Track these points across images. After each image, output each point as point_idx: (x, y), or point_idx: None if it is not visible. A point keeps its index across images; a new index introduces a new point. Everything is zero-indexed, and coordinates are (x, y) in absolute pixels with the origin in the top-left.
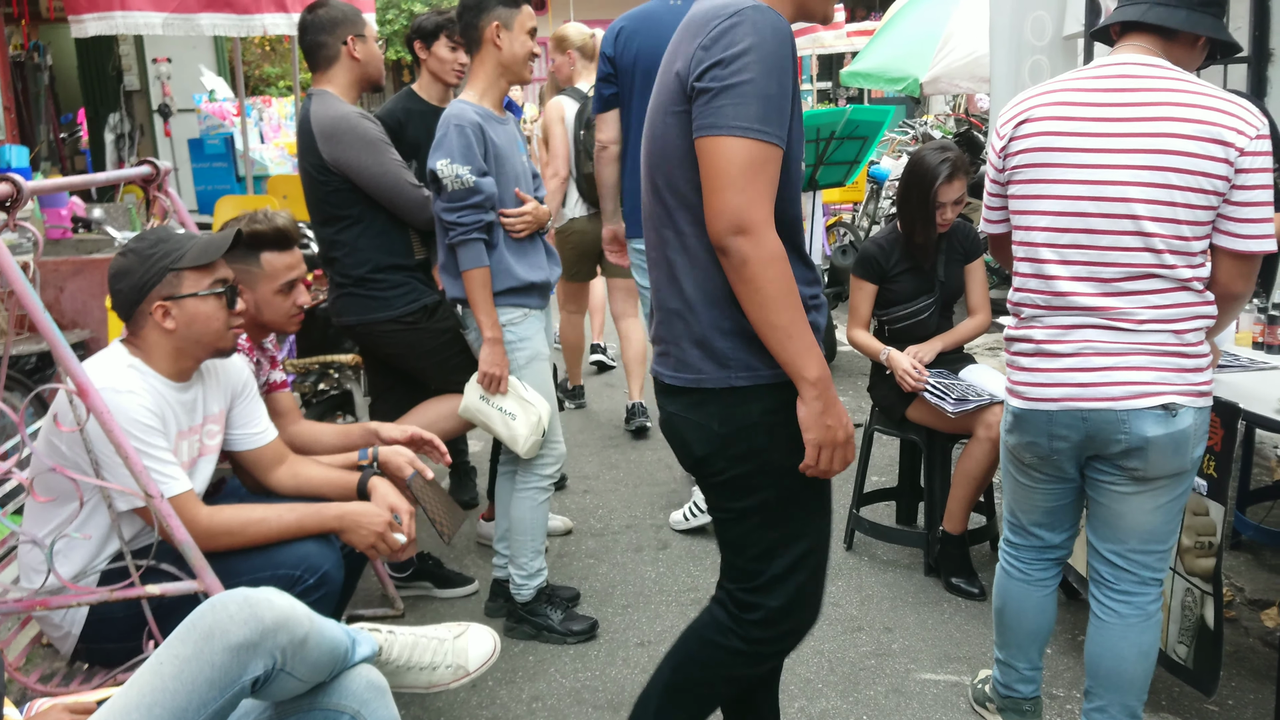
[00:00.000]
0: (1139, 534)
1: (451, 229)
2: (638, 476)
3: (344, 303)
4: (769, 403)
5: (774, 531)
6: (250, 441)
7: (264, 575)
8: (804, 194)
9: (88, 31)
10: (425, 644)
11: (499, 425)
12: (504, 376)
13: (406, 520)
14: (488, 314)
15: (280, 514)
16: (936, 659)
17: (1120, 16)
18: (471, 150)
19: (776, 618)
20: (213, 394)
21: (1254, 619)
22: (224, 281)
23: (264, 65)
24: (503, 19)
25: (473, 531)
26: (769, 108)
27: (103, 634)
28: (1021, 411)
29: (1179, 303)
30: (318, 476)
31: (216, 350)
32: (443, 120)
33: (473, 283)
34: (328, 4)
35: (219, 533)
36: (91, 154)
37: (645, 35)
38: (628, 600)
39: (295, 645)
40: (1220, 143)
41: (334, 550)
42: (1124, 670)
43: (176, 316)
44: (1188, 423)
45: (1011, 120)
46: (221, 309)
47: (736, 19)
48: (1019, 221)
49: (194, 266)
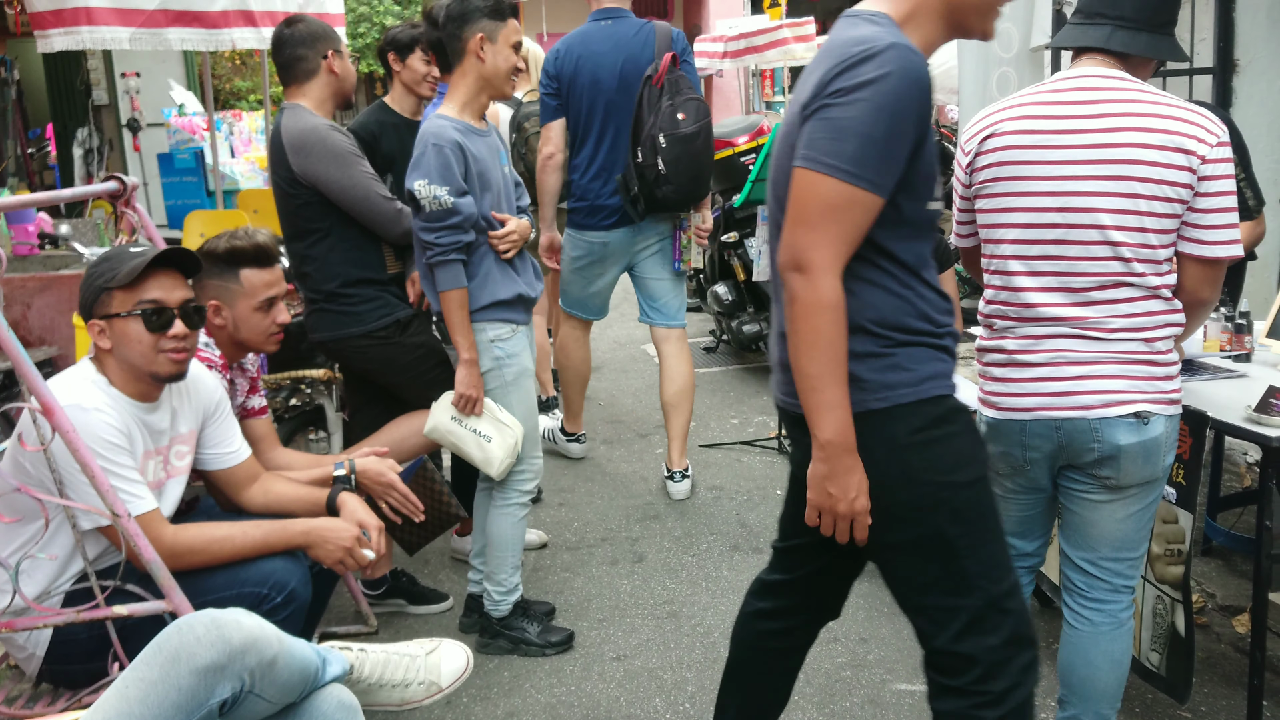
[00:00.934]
0: (1111, 542)
1: (429, 249)
2: (613, 489)
3: (316, 318)
4: (916, 421)
5: (958, 561)
6: (223, 461)
7: (229, 594)
8: None
9: (54, 46)
10: (397, 661)
11: (472, 447)
12: (480, 398)
13: (375, 536)
14: (465, 335)
15: (246, 531)
16: (912, 669)
17: (1084, 42)
18: (450, 170)
19: (999, 662)
20: (183, 415)
21: (1225, 625)
22: (153, 303)
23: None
24: (487, 31)
25: (446, 547)
26: (869, 149)
27: (67, 655)
28: (995, 422)
29: (1148, 311)
30: (287, 493)
31: (152, 374)
32: (421, 138)
33: (450, 304)
34: (305, 19)
35: (183, 552)
36: (60, 169)
37: (581, 52)
38: (603, 614)
39: (264, 666)
40: (1182, 151)
41: (301, 567)
42: (1097, 678)
43: (110, 336)
44: (1159, 431)
45: (976, 135)
46: (145, 331)
47: (868, 51)
48: (987, 235)
49: (121, 286)
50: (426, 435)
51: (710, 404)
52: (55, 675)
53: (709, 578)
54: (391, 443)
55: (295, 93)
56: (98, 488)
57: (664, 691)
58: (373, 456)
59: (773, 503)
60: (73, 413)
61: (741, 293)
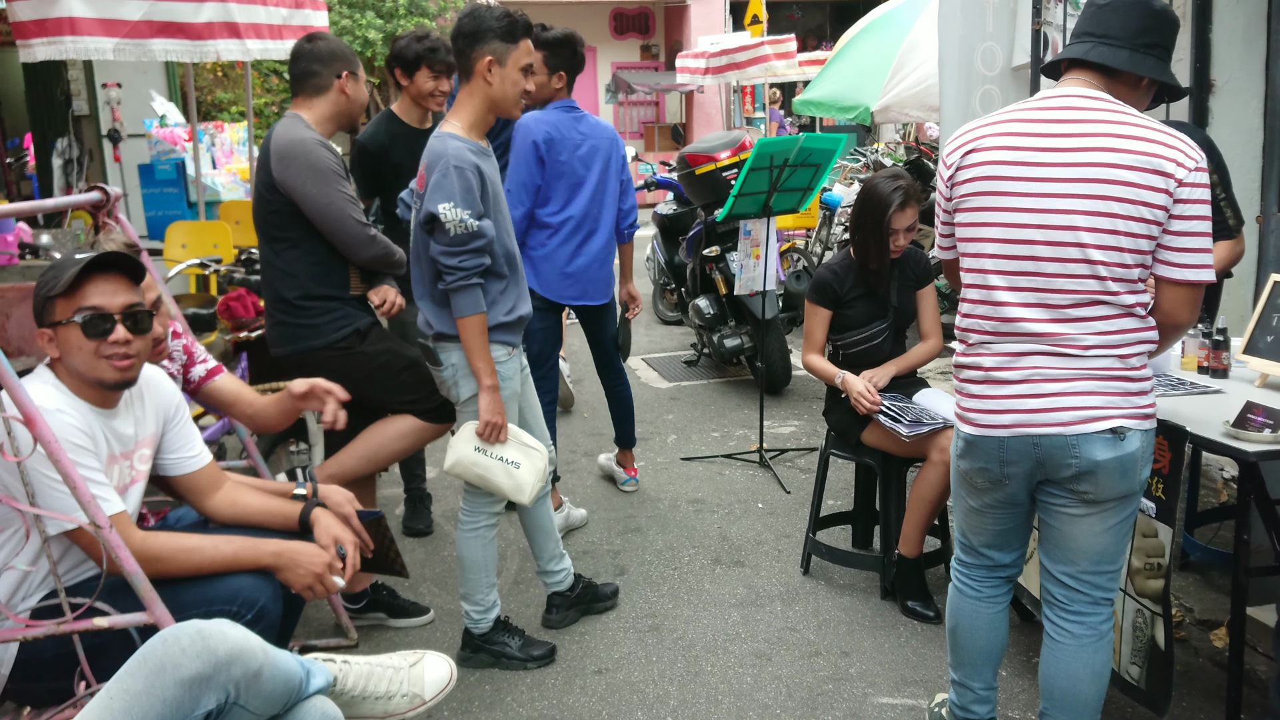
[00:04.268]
0: (1090, 555)
1: (451, 273)
2: (594, 502)
3: (276, 332)
4: None
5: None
6: (184, 466)
7: (198, 611)
8: (758, 220)
9: (36, 56)
10: (380, 673)
11: (500, 476)
12: (505, 424)
13: (351, 553)
14: (485, 360)
15: (216, 545)
16: (894, 683)
17: (1067, 54)
18: (472, 193)
19: None
20: (144, 417)
21: (1204, 639)
22: (92, 309)
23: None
24: (497, 54)
25: (428, 560)
26: None
27: (32, 674)
28: (973, 438)
29: (1124, 328)
30: (257, 505)
31: (98, 380)
32: (439, 159)
33: (471, 329)
34: (327, 38)
35: (150, 558)
36: (39, 179)
37: None
38: (585, 627)
39: (249, 678)
40: (1159, 173)
41: (271, 583)
42: (1078, 691)
43: (57, 344)
44: (1135, 445)
45: (959, 149)
46: (84, 338)
47: None
48: (967, 249)
49: (62, 294)
50: (448, 472)
51: (691, 417)
52: (20, 694)
53: (690, 591)
54: (367, 452)
55: (300, 104)
56: (79, 498)
57: (645, 705)
58: (337, 486)
59: (754, 516)
60: None
61: (723, 306)
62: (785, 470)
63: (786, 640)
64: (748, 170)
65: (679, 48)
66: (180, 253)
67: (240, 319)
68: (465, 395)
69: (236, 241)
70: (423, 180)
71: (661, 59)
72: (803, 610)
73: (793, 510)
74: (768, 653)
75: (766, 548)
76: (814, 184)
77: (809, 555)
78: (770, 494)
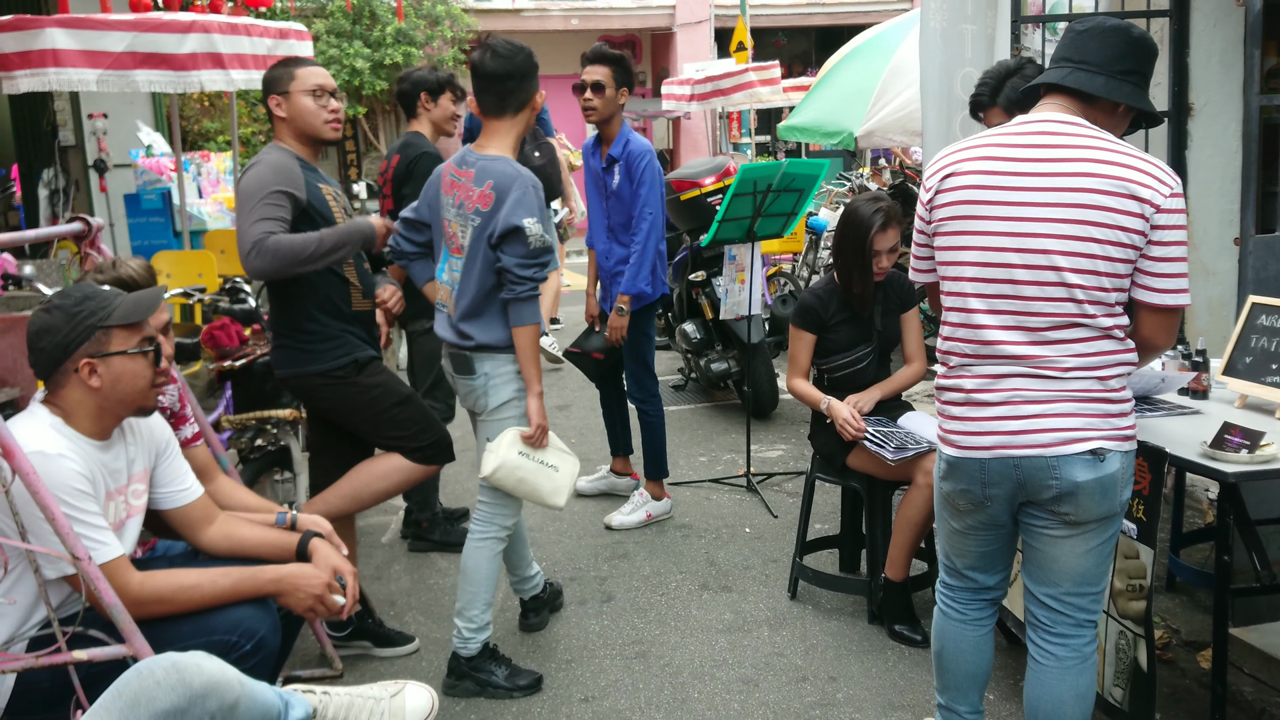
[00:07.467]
0: (1073, 577)
1: (522, 283)
2: (581, 528)
3: (278, 354)
4: None
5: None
6: (176, 499)
7: (197, 642)
8: (743, 245)
9: (20, 88)
10: (361, 704)
11: (542, 480)
12: (548, 429)
13: (351, 583)
14: (537, 367)
15: (215, 579)
16: (881, 707)
17: (1045, 79)
18: (545, 211)
19: None
20: (136, 452)
21: (1190, 661)
22: (151, 340)
23: (203, 120)
24: (537, 90)
25: (414, 589)
26: None
27: (30, 704)
28: (954, 460)
29: (1102, 350)
30: (252, 537)
31: (139, 409)
32: (513, 180)
33: (528, 338)
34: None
35: (150, 600)
36: (25, 210)
37: None
38: (571, 655)
39: (225, 711)
40: (1136, 199)
41: (270, 614)
42: (1062, 713)
43: (103, 374)
44: (1115, 467)
45: (937, 173)
46: (148, 367)
47: None
48: (946, 272)
49: (122, 324)
50: (487, 477)
51: (679, 442)
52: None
53: (678, 617)
54: (353, 490)
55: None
56: (58, 531)
57: None
58: (316, 516)
59: (741, 540)
60: (37, 460)
61: (709, 331)
62: (772, 494)
63: (774, 666)
64: (731, 196)
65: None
66: (165, 282)
67: (225, 348)
68: (495, 403)
69: (221, 270)
70: (484, 199)
71: (648, 86)
72: (790, 635)
73: (780, 534)
74: (755, 679)
75: (754, 572)
76: (798, 209)
77: (796, 580)
78: (757, 518)
